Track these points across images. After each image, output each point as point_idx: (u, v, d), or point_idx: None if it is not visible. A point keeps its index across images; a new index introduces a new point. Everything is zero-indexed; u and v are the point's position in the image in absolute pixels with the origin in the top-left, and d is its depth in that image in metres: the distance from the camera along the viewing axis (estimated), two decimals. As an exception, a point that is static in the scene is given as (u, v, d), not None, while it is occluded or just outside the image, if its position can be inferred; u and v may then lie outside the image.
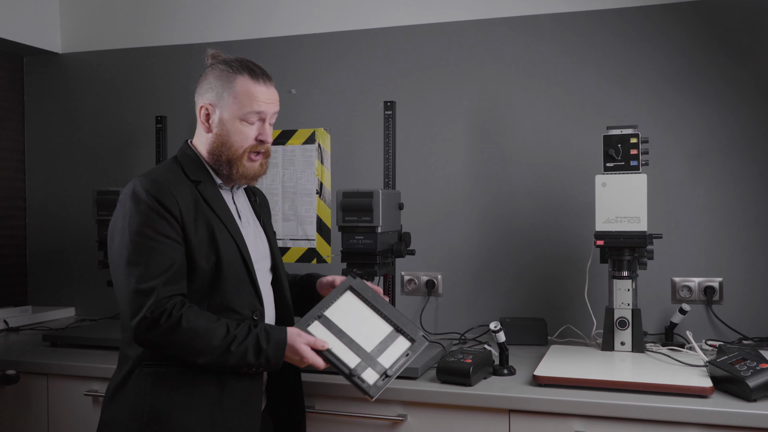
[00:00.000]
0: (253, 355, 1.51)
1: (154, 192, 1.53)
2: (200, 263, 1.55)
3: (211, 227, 1.58)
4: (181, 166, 1.65)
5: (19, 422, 2.22)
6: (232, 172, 1.64)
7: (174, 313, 1.47)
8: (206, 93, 1.65)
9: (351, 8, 2.74)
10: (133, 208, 1.53)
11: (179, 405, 1.54)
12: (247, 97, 1.61)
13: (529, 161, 2.54)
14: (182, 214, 1.54)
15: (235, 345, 1.50)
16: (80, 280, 3.04)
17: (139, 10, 3.02)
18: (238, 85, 1.61)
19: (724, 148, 2.36)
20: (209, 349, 1.49)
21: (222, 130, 1.63)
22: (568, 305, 2.46)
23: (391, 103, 2.36)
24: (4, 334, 2.62)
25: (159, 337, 1.48)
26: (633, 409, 1.66)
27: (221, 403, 1.56)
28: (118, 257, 1.53)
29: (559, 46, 2.51)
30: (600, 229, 2.06)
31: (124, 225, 1.53)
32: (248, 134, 1.63)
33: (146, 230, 1.50)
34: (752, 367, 1.68)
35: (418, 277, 2.64)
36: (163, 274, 1.49)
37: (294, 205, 2.79)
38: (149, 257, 1.49)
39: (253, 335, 1.53)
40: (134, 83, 3.02)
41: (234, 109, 1.61)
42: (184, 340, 1.47)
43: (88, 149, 3.08)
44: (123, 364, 1.60)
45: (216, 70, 1.65)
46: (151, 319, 1.46)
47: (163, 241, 1.51)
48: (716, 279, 2.36)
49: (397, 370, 1.63)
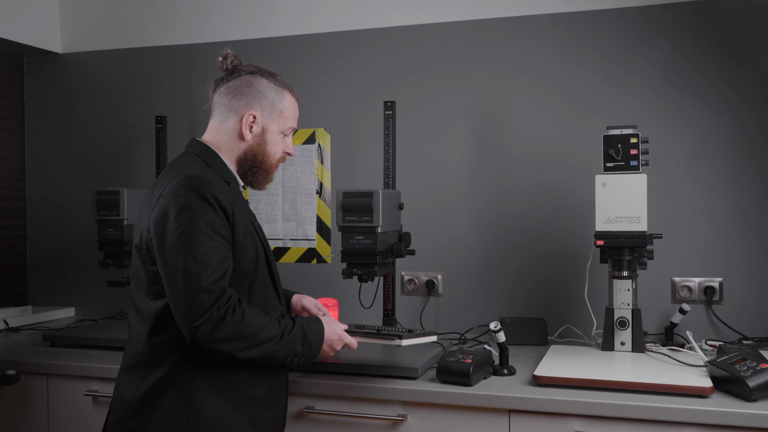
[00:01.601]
0: (300, 343, 1.59)
1: (210, 190, 1.52)
2: (242, 263, 1.58)
3: (248, 227, 1.61)
4: (208, 165, 1.63)
5: (19, 422, 2.22)
6: (266, 179, 1.73)
7: (237, 308, 1.50)
8: (255, 101, 1.68)
9: (351, 8, 2.74)
10: (190, 206, 1.49)
11: (223, 407, 1.55)
12: (292, 113, 1.74)
13: (529, 161, 2.54)
14: (234, 215, 1.56)
15: (287, 335, 1.57)
16: (80, 280, 3.04)
17: (139, 10, 3.02)
18: (287, 102, 1.72)
19: (724, 148, 2.36)
20: (268, 339, 1.54)
21: (263, 140, 1.69)
22: (568, 305, 2.46)
23: (391, 103, 2.36)
24: (4, 334, 2.62)
25: (226, 333, 1.47)
26: (633, 409, 1.66)
27: (258, 401, 1.60)
28: (175, 256, 1.48)
29: (558, 46, 2.51)
30: (600, 229, 2.06)
31: (181, 223, 1.48)
32: (281, 147, 1.74)
33: (205, 228, 1.49)
34: (752, 367, 1.68)
35: (418, 277, 2.64)
36: (225, 273, 1.51)
37: (294, 205, 2.79)
38: (210, 256, 1.49)
39: (298, 324, 1.61)
40: (134, 83, 3.02)
41: (280, 123, 1.71)
42: (248, 333, 1.51)
43: (88, 149, 3.08)
44: (151, 369, 1.55)
45: (262, 81, 1.69)
46: (219, 316, 1.46)
47: (220, 240, 1.52)
48: (716, 279, 2.36)
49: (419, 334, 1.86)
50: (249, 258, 1.59)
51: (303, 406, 1.91)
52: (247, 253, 1.59)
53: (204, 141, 1.69)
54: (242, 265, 1.57)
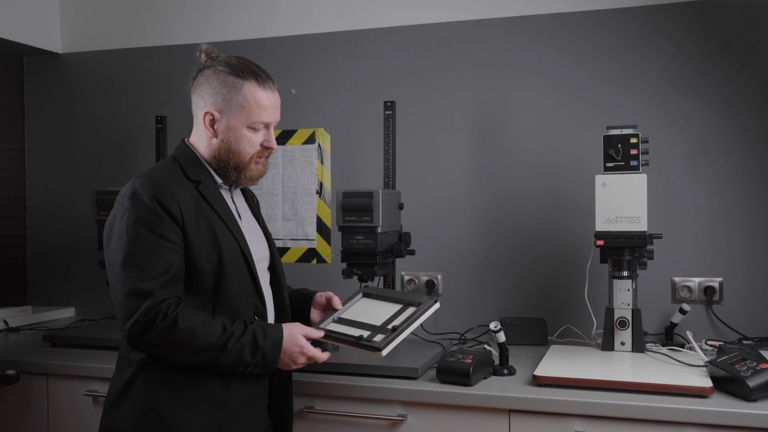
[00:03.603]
0: (249, 352, 1.50)
1: (154, 193, 1.51)
2: (202, 264, 1.53)
3: (212, 227, 1.57)
4: (180, 165, 1.63)
5: (19, 422, 2.22)
6: (240, 177, 1.64)
7: (169, 313, 1.46)
8: (210, 98, 1.61)
9: (351, 8, 2.74)
10: (132, 209, 1.50)
11: (185, 410, 1.52)
12: (255, 105, 1.60)
13: (529, 161, 2.54)
14: (183, 215, 1.52)
15: (231, 342, 1.48)
16: (80, 280, 3.04)
17: (139, 10, 3.02)
18: (246, 93, 1.60)
19: (724, 148, 2.36)
20: (206, 346, 1.47)
21: (228, 137, 1.61)
22: (568, 305, 2.46)
23: (391, 103, 2.36)
24: (4, 334, 2.62)
25: (155, 339, 1.45)
26: (633, 409, 1.66)
27: (227, 407, 1.55)
28: (114, 259, 1.50)
29: (559, 46, 2.51)
30: (600, 229, 2.06)
31: (121, 226, 1.50)
32: (255, 141, 1.63)
33: (144, 232, 1.49)
34: (752, 367, 1.68)
35: (418, 277, 2.64)
36: (160, 276, 1.47)
37: (294, 205, 2.79)
38: (146, 259, 1.47)
39: (249, 332, 1.51)
40: (134, 83, 3.02)
41: (242, 117, 1.60)
42: (181, 339, 1.46)
43: (88, 149, 3.08)
44: (125, 368, 1.57)
45: (219, 74, 1.61)
46: (146, 321, 1.44)
47: (162, 243, 1.49)
48: (716, 279, 2.36)
49: (403, 327, 1.65)
50: (211, 259, 1.55)
51: (303, 406, 1.91)
52: (209, 254, 1.54)
53: (188, 141, 1.69)
54: (203, 267, 1.53)
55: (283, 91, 2.77)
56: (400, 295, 1.80)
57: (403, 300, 1.78)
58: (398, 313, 1.73)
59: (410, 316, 1.69)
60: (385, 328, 1.67)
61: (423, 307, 1.72)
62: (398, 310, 1.74)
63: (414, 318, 1.68)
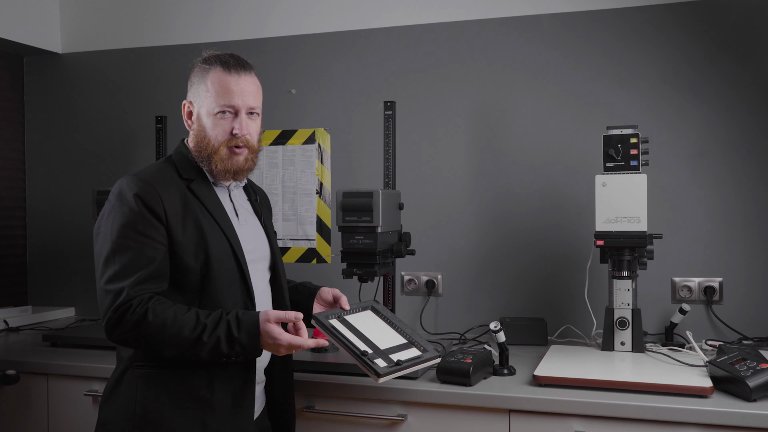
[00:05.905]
0: (226, 344, 1.48)
1: (138, 191, 1.53)
2: (188, 262, 1.54)
3: (200, 226, 1.57)
4: (174, 164, 1.65)
5: (19, 422, 2.22)
6: (212, 167, 1.62)
7: (138, 309, 1.46)
8: (188, 91, 1.67)
9: (351, 8, 2.74)
10: (118, 207, 1.53)
11: (169, 407, 1.53)
12: (219, 89, 1.60)
13: (529, 161, 2.54)
14: (167, 214, 1.53)
15: (206, 335, 1.47)
16: (80, 280, 3.04)
17: (139, 10, 3.02)
18: (210, 79, 1.62)
19: (724, 148, 2.36)
20: (179, 340, 1.46)
21: (200, 125, 1.64)
22: (568, 305, 2.46)
23: (391, 103, 2.36)
24: (4, 334, 2.62)
25: (126, 333, 1.47)
26: (633, 409, 1.66)
27: (211, 406, 1.55)
28: (98, 256, 1.55)
29: (559, 46, 2.51)
30: (600, 229, 2.06)
31: (107, 224, 1.54)
32: (224, 128, 1.61)
33: (126, 230, 1.51)
34: (752, 367, 1.68)
35: (418, 277, 2.64)
36: (136, 274, 1.48)
37: (294, 205, 2.79)
38: (125, 257, 1.50)
39: (223, 324, 1.48)
40: (134, 83, 3.02)
41: (208, 103, 1.61)
42: (152, 332, 1.46)
43: (88, 149, 3.08)
44: (118, 364, 1.61)
45: (195, 67, 1.67)
46: (116, 317, 1.46)
47: (143, 241, 1.50)
48: (716, 279, 2.36)
49: (408, 365, 1.63)
50: (198, 257, 1.55)
51: (303, 406, 1.91)
52: (195, 252, 1.55)
53: (185, 140, 1.71)
54: (189, 264, 1.54)
55: (283, 91, 2.80)
56: (407, 329, 1.76)
57: (408, 336, 1.73)
58: (402, 348, 1.69)
59: (414, 358, 1.66)
60: (387, 357, 1.63)
61: (428, 355, 1.69)
62: (403, 344, 1.70)
63: (417, 362, 1.66)
